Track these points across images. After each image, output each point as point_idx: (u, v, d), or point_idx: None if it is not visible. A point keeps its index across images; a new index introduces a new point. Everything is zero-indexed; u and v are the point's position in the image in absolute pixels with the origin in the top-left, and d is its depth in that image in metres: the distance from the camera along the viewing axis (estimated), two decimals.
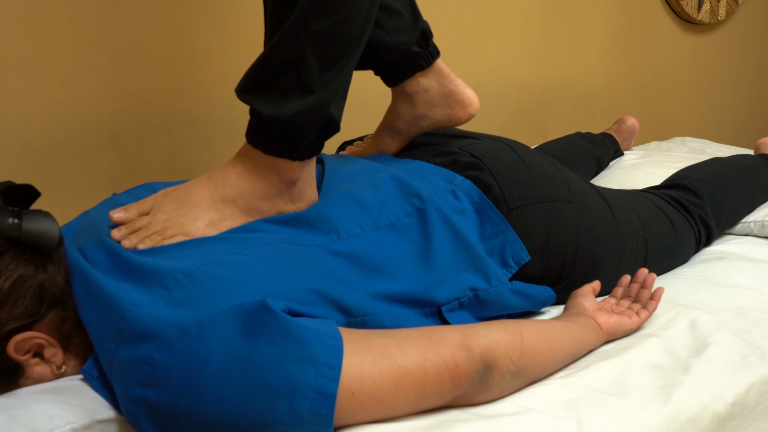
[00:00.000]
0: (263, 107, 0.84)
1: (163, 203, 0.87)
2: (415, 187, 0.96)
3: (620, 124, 1.94)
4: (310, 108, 0.84)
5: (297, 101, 0.83)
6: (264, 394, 0.68)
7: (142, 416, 0.72)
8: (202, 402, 0.69)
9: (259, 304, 0.71)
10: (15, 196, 0.83)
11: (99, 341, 0.76)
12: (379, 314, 0.84)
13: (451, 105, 1.12)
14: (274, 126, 0.84)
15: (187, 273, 0.75)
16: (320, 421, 0.69)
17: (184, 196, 0.87)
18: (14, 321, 0.76)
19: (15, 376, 0.79)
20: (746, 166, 1.46)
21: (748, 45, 3.06)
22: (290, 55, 0.82)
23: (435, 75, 1.11)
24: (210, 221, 0.86)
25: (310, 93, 0.83)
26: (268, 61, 0.83)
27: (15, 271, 0.77)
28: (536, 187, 1.03)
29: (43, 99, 1.41)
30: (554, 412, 0.76)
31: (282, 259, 0.80)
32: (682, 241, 1.20)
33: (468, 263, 0.93)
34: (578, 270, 1.04)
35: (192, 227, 0.85)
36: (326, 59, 0.83)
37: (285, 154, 0.87)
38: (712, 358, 0.88)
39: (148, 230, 0.84)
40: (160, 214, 0.86)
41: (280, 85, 0.83)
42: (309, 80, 0.83)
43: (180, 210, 0.86)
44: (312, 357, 0.69)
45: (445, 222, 0.94)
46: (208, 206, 0.87)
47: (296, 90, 0.83)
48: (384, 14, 1.05)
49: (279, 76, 0.83)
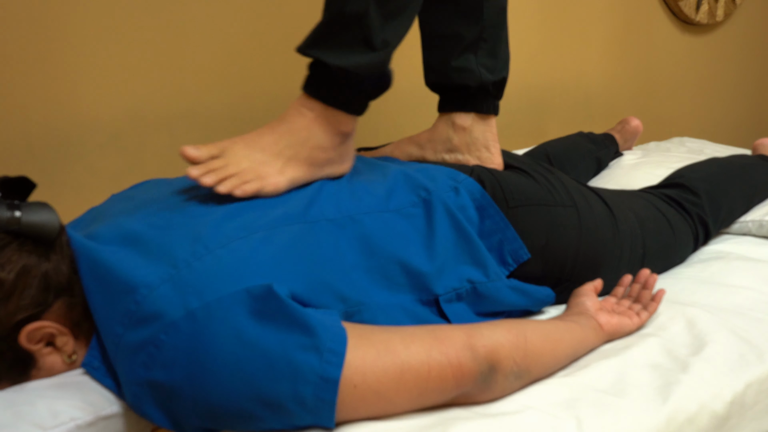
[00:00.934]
0: (330, 57, 0.90)
1: (233, 148, 0.92)
2: (422, 181, 0.98)
3: (624, 125, 1.94)
4: (372, 63, 0.91)
5: (361, 55, 0.90)
6: (268, 379, 0.69)
7: (146, 399, 0.73)
8: (207, 385, 0.70)
9: (265, 289, 0.72)
10: (11, 190, 0.84)
11: (106, 326, 0.77)
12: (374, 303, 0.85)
13: (482, 160, 1.15)
14: (338, 77, 0.91)
15: (197, 256, 0.76)
16: (323, 406, 0.70)
17: (252, 143, 0.93)
18: (23, 311, 0.77)
19: (27, 366, 0.80)
20: (744, 165, 1.46)
21: (747, 46, 3.07)
22: (355, 10, 0.88)
23: (487, 127, 1.15)
24: (278, 169, 0.91)
25: (372, 48, 0.90)
26: (335, 17, 0.90)
27: (18, 262, 0.77)
28: (536, 190, 1.04)
29: (43, 99, 1.41)
30: (554, 412, 0.77)
31: (288, 244, 0.81)
32: (679, 239, 1.21)
33: (468, 255, 0.94)
34: (577, 272, 1.04)
35: (264, 173, 0.90)
36: (387, 13, 0.90)
37: (343, 105, 0.93)
38: (711, 357, 0.89)
39: (224, 171, 0.88)
40: (233, 158, 0.90)
41: (345, 39, 0.90)
42: (372, 35, 0.89)
43: (251, 156, 0.91)
44: (317, 344, 0.70)
45: (448, 214, 0.95)
46: (275, 154, 0.92)
47: (360, 44, 0.90)
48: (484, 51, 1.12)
49: (345, 31, 0.90)
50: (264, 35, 1.66)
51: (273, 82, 1.70)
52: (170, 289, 0.73)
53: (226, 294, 0.72)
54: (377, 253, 0.88)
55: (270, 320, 0.71)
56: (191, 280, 0.73)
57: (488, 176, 1.04)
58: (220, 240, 0.78)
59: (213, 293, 0.72)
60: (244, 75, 1.66)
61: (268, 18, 1.66)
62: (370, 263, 0.87)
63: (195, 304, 0.71)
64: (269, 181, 0.90)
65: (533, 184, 1.06)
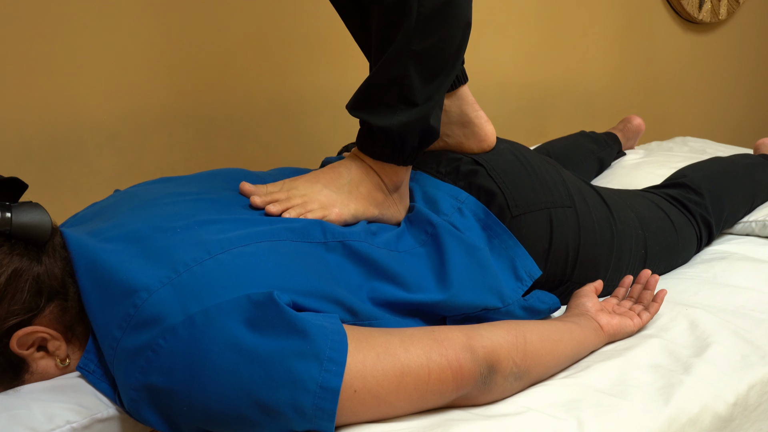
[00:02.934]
0: (373, 119, 0.93)
1: (294, 185, 0.94)
2: (426, 214, 0.97)
3: (626, 123, 1.94)
4: (414, 119, 0.93)
5: (402, 113, 0.92)
6: (267, 386, 0.68)
7: (143, 404, 0.72)
8: (204, 390, 0.69)
9: (265, 296, 0.71)
10: (2, 191, 0.82)
11: (103, 329, 0.76)
12: (384, 319, 0.84)
13: (466, 135, 1.11)
14: (382, 135, 0.94)
15: (199, 260, 0.75)
16: (322, 416, 0.69)
17: (312, 180, 0.96)
18: (14, 317, 0.76)
19: (20, 371, 0.79)
20: (746, 165, 1.46)
21: (750, 44, 3.06)
22: (395, 73, 0.90)
23: (458, 100, 1.11)
24: (342, 201, 0.94)
25: (414, 106, 0.92)
26: (376, 80, 0.92)
27: (9, 266, 0.76)
28: (538, 193, 1.04)
29: (42, 99, 1.41)
30: (555, 413, 0.76)
31: (294, 256, 0.80)
32: (682, 239, 1.20)
33: (482, 282, 0.92)
34: (578, 272, 1.04)
35: (328, 202, 0.93)
36: (426, 75, 0.91)
37: (390, 159, 0.96)
38: (713, 358, 0.88)
39: (289, 202, 0.91)
40: (294, 190, 0.93)
41: (387, 100, 0.92)
42: (412, 95, 0.91)
43: (313, 188, 0.94)
44: (317, 352, 0.69)
45: (458, 241, 0.94)
46: (337, 188, 0.95)
47: (401, 104, 0.92)
48: None
49: (386, 92, 0.92)
50: (263, 35, 1.66)
51: (272, 82, 1.70)
52: (170, 293, 0.72)
53: (225, 300, 0.71)
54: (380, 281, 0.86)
55: (269, 327, 0.70)
56: (192, 284, 0.73)
57: (492, 184, 1.02)
58: (224, 245, 0.77)
59: (213, 298, 0.71)
60: (243, 75, 1.66)
61: (267, 18, 1.65)
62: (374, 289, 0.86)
63: (194, 309, 0.71)
64: (333, 210, 0.92)
65: (531, 181, 1.04)
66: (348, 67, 1.81)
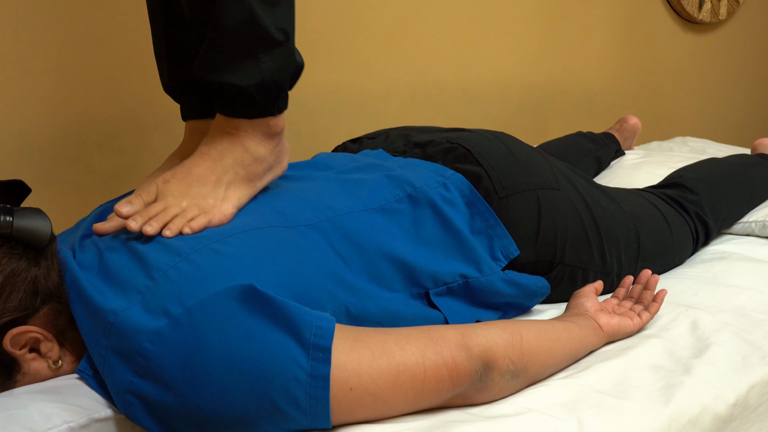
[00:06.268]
0: (241, 79, 0.84)
1: (168, 189, 0.87)
2: (408, 177, 0.98)
3: (622, 123, 1.95)
4: (282, 61, 0.86)
5: (267, 59, 0.85)
6: (259, 383, 0.69)
7: (137, 408, 0.72)
8: (198, 390, 0.69)
9: (246, 288, 0.72)
10: (5, 194, 0.84)
11: (90, 337, 0.77)
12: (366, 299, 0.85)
13: None
14: (256, 92, 0.85)
15: (171, 264, 0.76)
16: (317, 404, 0.70)
17: (188, 178, 0.88)
18: (8, 314, 0.77)
19: (11, 371, 0.80)
20: (743, 165, 1.47)
21: (750, 44, 3.06)
22: (241, 16, 0.82)
23: None
24: (221, 197, 0.88)
25: (276, 46, 0.85)
26: (223, 30, 0.83)
27: (8, 266, 0.77)
28: (525, 175, 1.04)
29: (42, 98, 1.41)
30: (555, 413, 0.76)
31: (268, 247, 0.81)
32: (677, 238, 1.20)
33: (458, 251, 0.94)
34: (569, 254, 1.04)
35: (208, 205, 0.86)
36: (269, 3, 0.83)
37: (267, 111, 0.88)
38: (713, 358, 0.88)
39: (166, 215, 0.83)
40: (171, 198, 0.86)
41: (244, 48, 0.84)
42: (267, 32, 0.84)
43: (189, 192, 0.87)
44: (302, 341, 0.70)
45: (435, 212, 0.95)
46: (214, 182, 0.88)
47: (260, 46, 0.84)
48: None
49: (240, 39, 0.83)
50: None
51: None
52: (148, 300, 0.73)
53: (206, 297, 0.72)
54: (363, 251, 0.88)
55: (254, 320, 0.71)
56: (169, 288, 0.73)
57: (478, 168, 1.03)
58: (193, 246, 0.78)
59: (193, 298, 0.72)
60: None
61: None
62: (357, 262, 0.87)
63: (177, 311, 0.71)
64: (215, 212, 0.85)
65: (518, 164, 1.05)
66: (348, 67, 1.81)
